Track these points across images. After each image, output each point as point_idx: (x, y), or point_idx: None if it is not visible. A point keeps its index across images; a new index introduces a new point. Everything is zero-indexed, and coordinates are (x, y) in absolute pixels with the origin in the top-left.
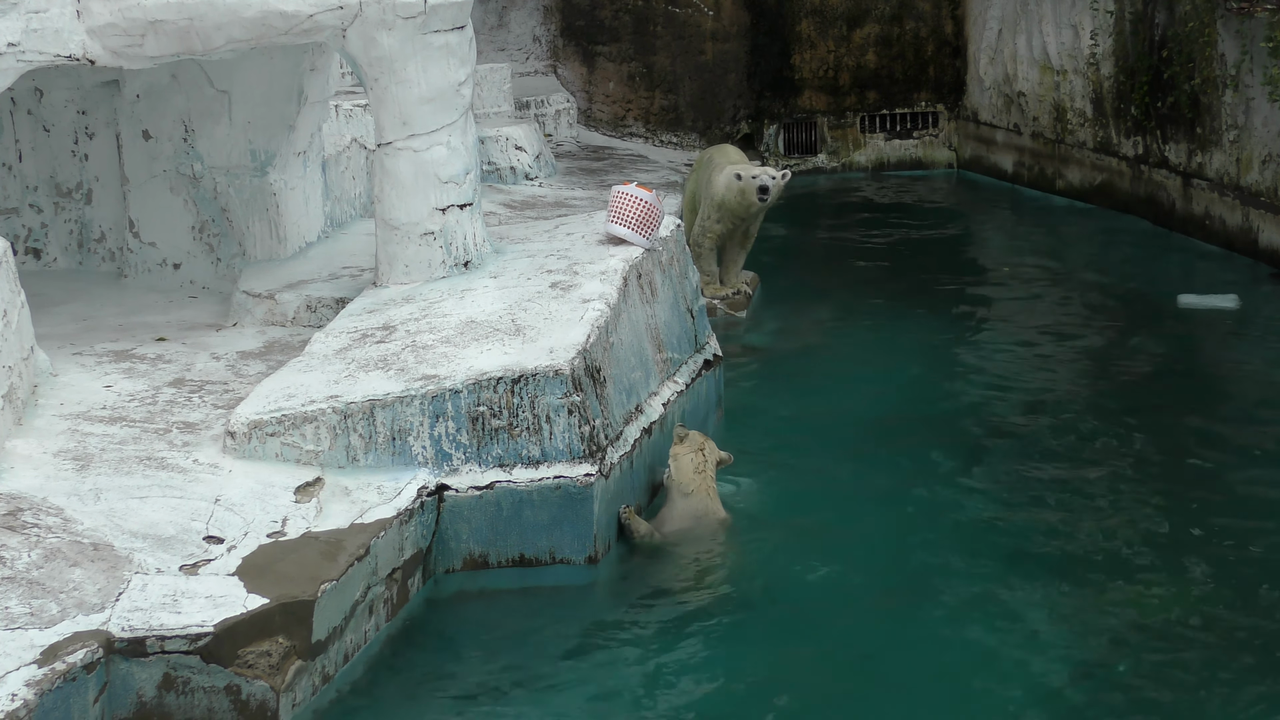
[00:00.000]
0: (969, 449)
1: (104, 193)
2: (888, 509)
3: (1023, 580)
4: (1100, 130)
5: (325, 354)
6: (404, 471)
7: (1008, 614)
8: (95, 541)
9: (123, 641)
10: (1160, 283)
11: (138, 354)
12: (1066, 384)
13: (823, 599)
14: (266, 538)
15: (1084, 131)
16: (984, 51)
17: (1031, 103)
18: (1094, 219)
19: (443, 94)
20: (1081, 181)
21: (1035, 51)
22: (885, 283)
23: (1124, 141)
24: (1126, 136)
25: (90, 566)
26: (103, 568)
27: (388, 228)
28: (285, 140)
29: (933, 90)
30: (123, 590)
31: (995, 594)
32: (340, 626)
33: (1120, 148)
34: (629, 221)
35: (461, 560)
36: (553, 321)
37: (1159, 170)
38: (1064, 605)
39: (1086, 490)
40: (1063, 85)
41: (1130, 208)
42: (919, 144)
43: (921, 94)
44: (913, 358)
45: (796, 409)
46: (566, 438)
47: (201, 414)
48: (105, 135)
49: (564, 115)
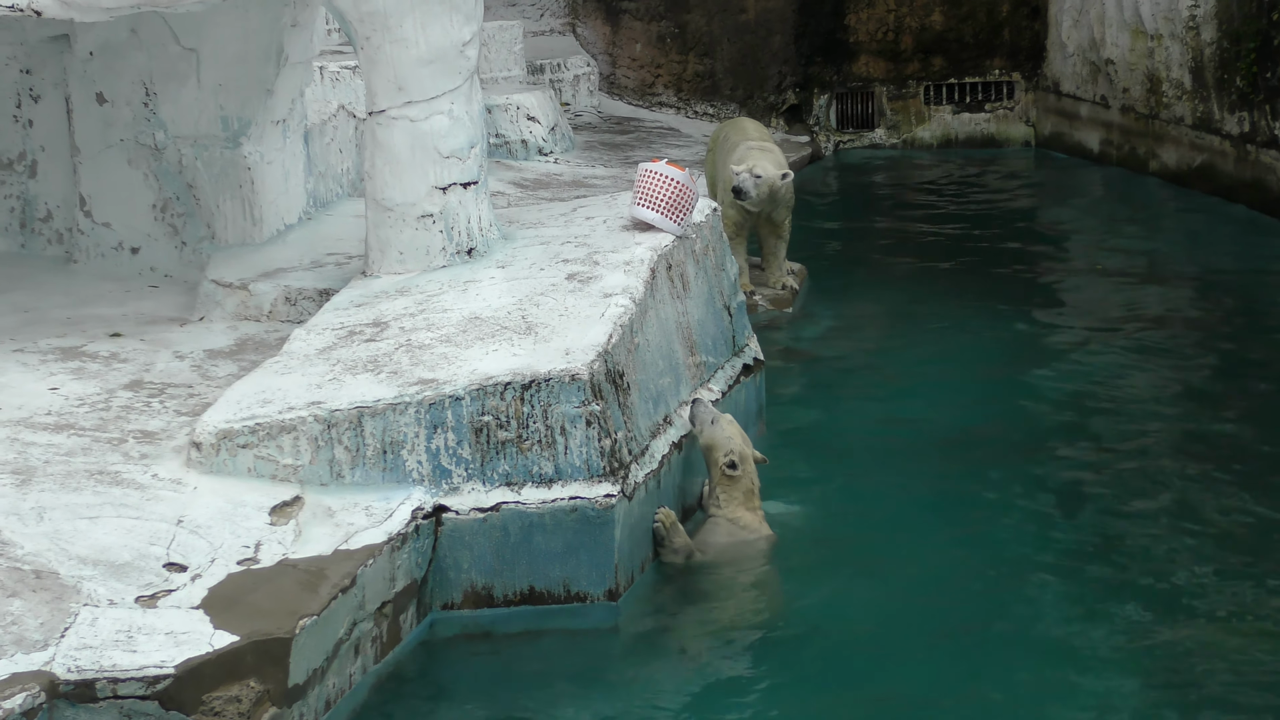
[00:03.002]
0: (1045, 471)
1: (51, 165)
2: (950, 538)
3: (1103, 626)
4: (1200, 104)
5: (306, 354)
6: (396, 490)
7: (1083, 663)
8: (37, 568)
9: (69, 684)
10: (1272, 281)
11: (89, 351)
12: (1163, 398)
13: (876, 641)
14: (236, 565)
15: (1181, 105)
16: (1067, 12)
17: (1121, 72)
18: (1193, 205)
19: (444, 55)
20: (1178, 162)
21: (1126, 13)
22: (951, 277)
23: (1227, 117)
24: (1230, 111)
25: (32, 597)
26: (46, 599)
27: (380, 209)
28: (262, 106)
29: (1007, 56)
30: (69, 625)
31: (1069, 640)
32: (321, 669)
33: (1223, 124)
34: (658, 204)
35: (462, 594)
36: (569, 319)
37: (1267, 150)
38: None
39: (1183, 525)
40: (1157, 52)
41: (1234, 193)
42: (991, 118)
43: (995, 61)
44: (982, 364)
45: (849, 422)
46: (584, 453)
47: (162, 422)
48: (53, 98)
49: (583, 81)
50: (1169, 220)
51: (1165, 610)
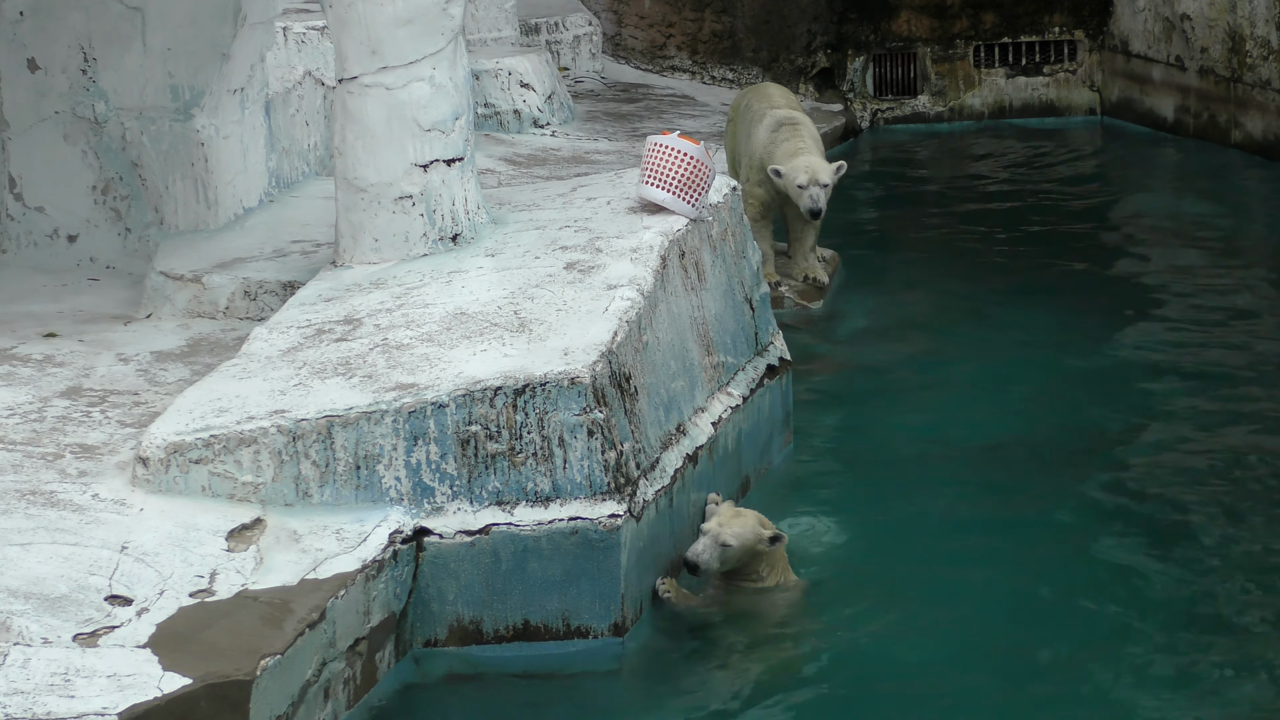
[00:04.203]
0: (1101, 488)
1: None
2: (992, 563)
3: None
4: None
5: (268, 355)
6: (371, 511)
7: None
8: None
9: None
10: None
11: (19, 354)
12: (1242, 403)
13: (911, 681)
14: (189, 598)
15: (1267, 67)
16: None
17: (1199, 29)
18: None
19: (424, 13)
20: (1264, 131)
21: None
22: (1005, 267)
23: None
24: None
25: None
26: None
27: (352, 190)
28: (217, 74)
29: (1069, 12)
30: None
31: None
32: (286, 715)
33: None
34: (669, 183)
35: (447, 629)
36: (568, 314)
37: None
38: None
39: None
40: (1240, 6)
41: None
42: (1051, 83)
43: (1054, 17)
44: (1038, 366)
45: (885, 431)
46: (586, 467)
47: (104, 434)
48: None
49: (585, 42)
50: (1254, 198)
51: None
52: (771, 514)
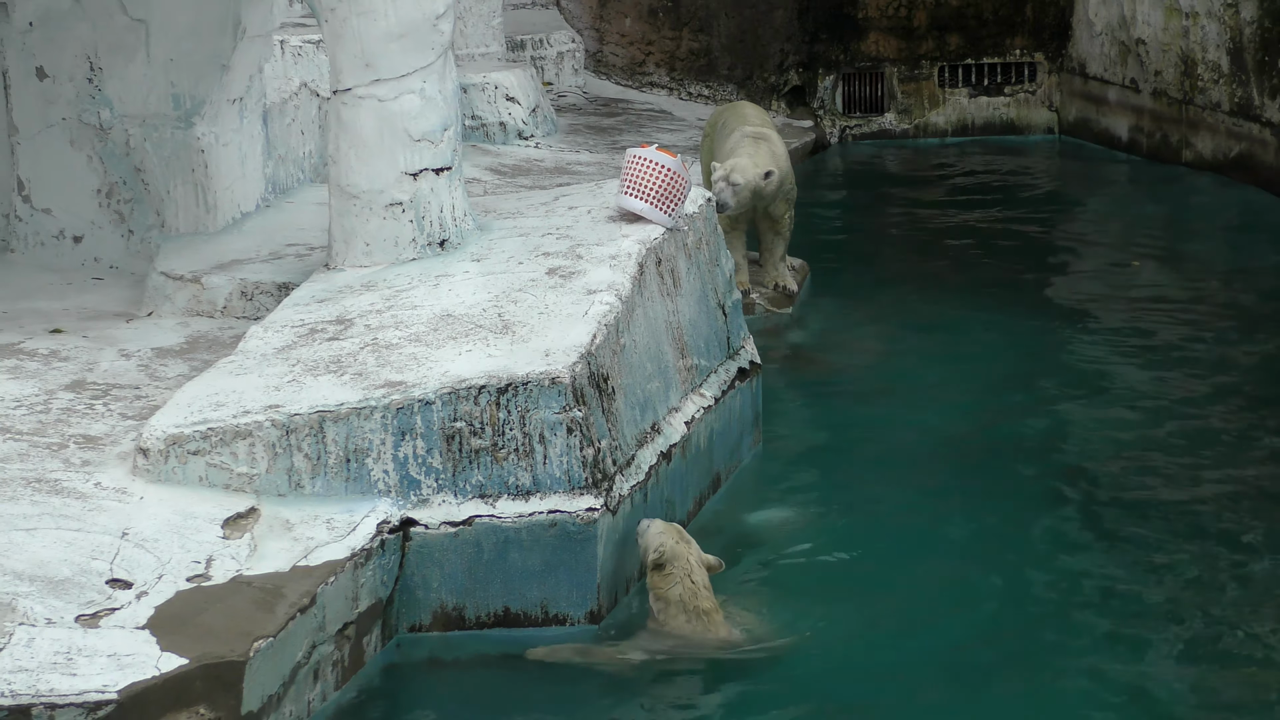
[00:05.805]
0: (1064, 486)
1: None
2: (958, 559)
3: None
4: (1239, 89)
5: (263, 353)
6: (360, 502)
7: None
8: None
9: (2, 710)
10: None
11: (26, 349)
12: (1195, 407)
13: (878, 672)
14: (186, 582)
15: (1218, 90)
16: None
17: (1153, 53)
18: (1230, 198)
19: (416, 28)
20: (1215, 152)
21: None
22: (967, 275)
23: (1268, 103)
24: (1271, 97)
25: None
26: None
27: (344, 196)
28: (216, 84)
29: (1030, 35)
30: (3, 646)
31: (1102, 673)
32: (277, 695)
33: (1264, 111)
34: (647, 194)
35: (431, 615)
36: (549, 317)
37: None
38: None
39: (1224, 550)
40: (1193, 31)
41: (1275, 185)
42: (1011, 103)
43: (1016, 40)
44: (998, 372)
45: (852, 432)
46: (565, 463)
47: (106, 426)
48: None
49: (568, 59)
50: (1203, 216)
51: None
52: (741, 510)
